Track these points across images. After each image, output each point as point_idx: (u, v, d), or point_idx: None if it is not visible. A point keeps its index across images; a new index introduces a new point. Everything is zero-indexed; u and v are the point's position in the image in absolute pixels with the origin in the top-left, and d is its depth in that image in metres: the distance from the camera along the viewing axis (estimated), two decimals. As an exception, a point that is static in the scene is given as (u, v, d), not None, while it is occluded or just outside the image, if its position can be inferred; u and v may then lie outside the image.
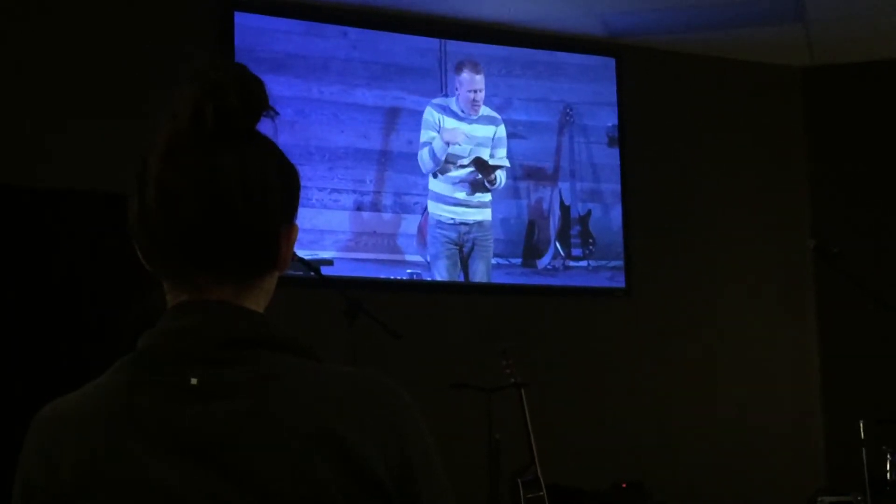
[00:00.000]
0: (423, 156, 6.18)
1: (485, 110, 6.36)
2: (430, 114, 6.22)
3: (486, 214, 6.30)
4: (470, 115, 6.31)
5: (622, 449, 6.31)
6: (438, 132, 6.21)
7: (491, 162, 6.32)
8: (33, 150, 5.21)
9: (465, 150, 6.28)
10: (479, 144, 6.32)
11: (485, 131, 6.34)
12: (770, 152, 7.01)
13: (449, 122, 6.25)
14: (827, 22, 6.39)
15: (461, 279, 6.22)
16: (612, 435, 6.35)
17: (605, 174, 6.62)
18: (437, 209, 6.19)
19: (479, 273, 6.25)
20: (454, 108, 6.29)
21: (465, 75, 6.33)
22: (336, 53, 6.06)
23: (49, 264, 5.07)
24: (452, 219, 6.21)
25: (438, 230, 6.18)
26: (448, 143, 6.20)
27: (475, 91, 6.33)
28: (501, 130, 6.38)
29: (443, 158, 6.19)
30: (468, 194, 6.26)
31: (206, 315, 1.22)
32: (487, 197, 6.32)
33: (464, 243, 6.22)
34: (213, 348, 1.20)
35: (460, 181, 6.26)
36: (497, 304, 6.24)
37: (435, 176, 6.21)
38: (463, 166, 6.26)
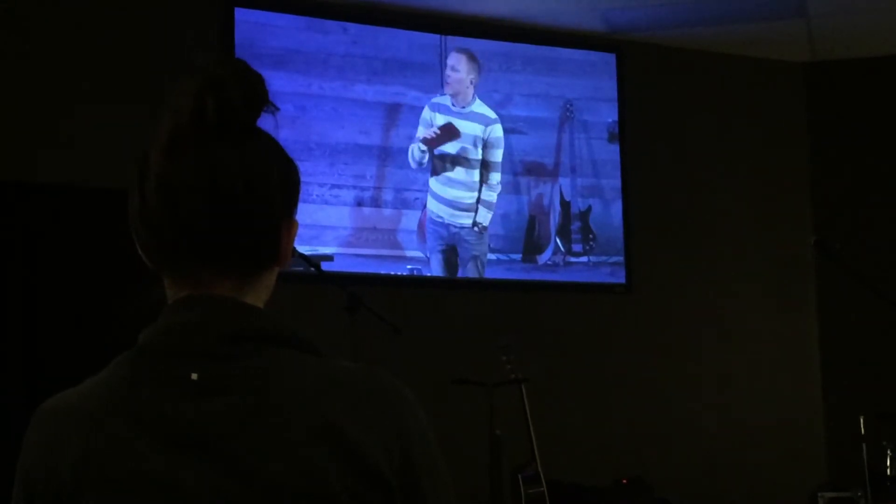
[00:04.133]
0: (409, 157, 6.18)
1: (479, 107, 6.34)
2: (427, 112, 6.22)
3: (480, 217, 6.27)
4: (455, 95, 6.27)
5: (623, 444, 6.32)
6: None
7: (489, 160, 6.33)
8: (34, 145, 5.21)
9: (450, 147, 6.25)
10: (465, 142, 6.28)
11: (472, 128, 6.30)
12: (771, 148, 7.00)
13: (439, 119, 6.24)
14: (828, 17, 6.39)
15: (459, 275, 6.23)
16: (613, 430, 6.35)
17: (606, 170, 6.62)
18: (433, 206, 6.19)
19: (469, 274, 6.24)
20: (447, 102, 6.29)
21: (450, 60, 6.31)
22: (336, 49, 6.06)
23: (49, 260, 5.07)
24: (442, 218, 6.20)
25: (433, 227, 6.18)
26: (424, 149, 6.17)
27: (450, 66, 6.29)
28: (497, 130, 6.34)
29: (421, 160, 6.17)
30: (459, 195, 6.25)
31: (207, 310, 1.22)
32: (471, 197, 6.30)
33: (456, 243, 6.21)
34: (214, 343, 1.20)
35: (451, 181, 6.25)
36: (497, 300, 6.24)
37: (434, 173, 6.21)
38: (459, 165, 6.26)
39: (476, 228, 6.26)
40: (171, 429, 1.18)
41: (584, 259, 6.54)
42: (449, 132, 6.24)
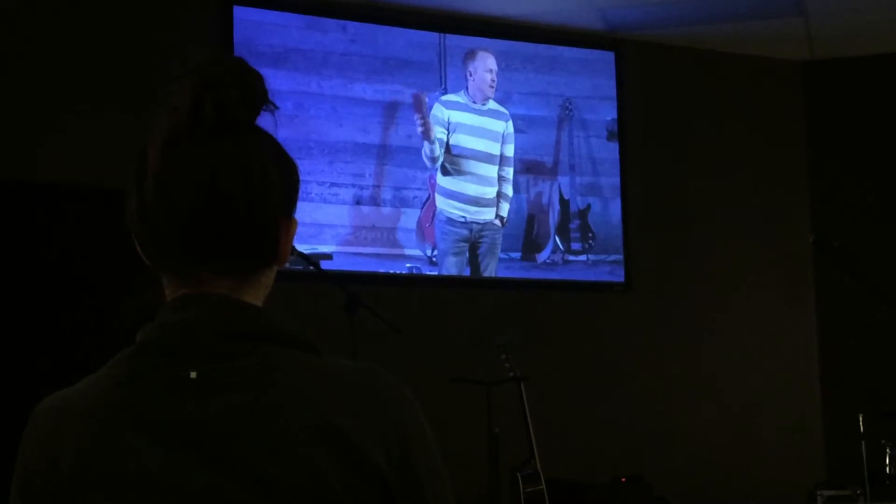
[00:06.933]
0: (423, 155, 6.18)
1: (493, 104, 6.36)
2: (439, 110, 6.22)
3: (501, 210, 6.31)
4: (486, 97, 6.31)
5: (622, 443, 6.32)
6: (446, 129, 6.22)
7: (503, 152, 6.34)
8: (32, 144, 5.21)
9: (475, 144, 6.28)
10: (489, 139, 6.32)
11: (495, 125, 6.35)
12: (770, 146, 7.01)
13: (457, 116, 6.25)
14: (827, 16, 6.39)
15: (467, 274, 6.23)
16: (612, 429, 6.35)
17: (605, 168, 6.62)
18: (446, 206, 6.18)
19: (490, 269, 6.26)
20: (463, 100, 6.29)
21: (479, 59, 6.34)
22: (335, 47, 6.06)
23: (48, 259, 5.06)
24: (464, 217, 6.21)
25: (449, 227, 6.18)
26: (433, 141, 6.18)
27: (491, 71, 6.34)
28: (510, 126, 6.39)
29: (436, 155, 6.18)
30: (483, 191, 6.27)
31: (206, 308, 1.22)
32: (493, 192, 6.31)
33: (477, 240, 6.23)
34: (212, 342, 1.20)
35: (475, 177, 6.26)
36: (496, 298, 6.24)
37: (445, 172, 6.21)
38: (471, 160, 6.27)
39: (498, 221, 6.29)
40: (169, 428, 1.18)
41: (583, 257, 6.54)
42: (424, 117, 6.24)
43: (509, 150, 6.38)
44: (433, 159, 6.19)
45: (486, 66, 6.35)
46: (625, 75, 6.68)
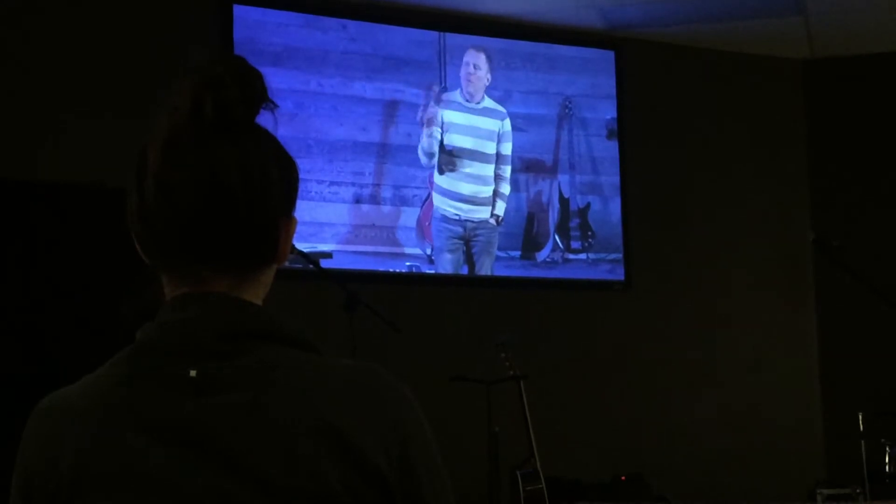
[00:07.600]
0: (419, 150, 6.19)
1: (489, 102, 6.36)
2: (437, 110, 6.23)
3: (497, 209, 6.31)
4: (470, 93, 6.30)
5: (621, 441, 6.32)
6: (440, 127, 6.22)
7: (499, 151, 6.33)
8: (33, 144, 5.21)
9: (468, 143, 6.28)
10: (483, 138, 6.32)
11: (489, 124, 6.34)
12: (770, 145, 7.01)
13: (450, 115, 6.25)
14: (827, 14, 6.39)
15: (464, 272, 6.23)
16: (612, 427, 6.35)
17: (605, 167, 6.62)
18: (442, 203, 6.19)
19: (485, 268, 6.26)
20: (458, 98, 6.30)
21: (468, 55, 6.34)
22: (335, 46, 6.06)
23: (48, 257, 5.07)
24: (458, 215, 6.21)
25: (444, 224, 6.18)
26: (431, 136, 6.19)
27: (472, 65, 6.33)
28: (507, 125, 6.39)
29: (433, 151, 6.19)
30: (478, 189, 6.27)
31: (206, 307, 1.22)
32: (489, 190, 6.31)
33: (471, 238, 6.23)
34: (212, 341, 1.20)
35: (468, 176, 6.26)
36: (496, 297, 6.25)
37: (441, 171, 6.21)
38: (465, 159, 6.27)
39: (493, 220, 6.29)
40: (169, 426, 1.18)
41: (582, 256, 6.54)
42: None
43: (506, 149, 6.38)
44: (430, 155, 6.19)
45: (467, 61, 6.33)
46: (625, 74, 6.68)
